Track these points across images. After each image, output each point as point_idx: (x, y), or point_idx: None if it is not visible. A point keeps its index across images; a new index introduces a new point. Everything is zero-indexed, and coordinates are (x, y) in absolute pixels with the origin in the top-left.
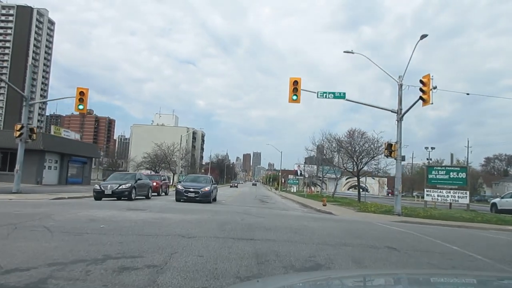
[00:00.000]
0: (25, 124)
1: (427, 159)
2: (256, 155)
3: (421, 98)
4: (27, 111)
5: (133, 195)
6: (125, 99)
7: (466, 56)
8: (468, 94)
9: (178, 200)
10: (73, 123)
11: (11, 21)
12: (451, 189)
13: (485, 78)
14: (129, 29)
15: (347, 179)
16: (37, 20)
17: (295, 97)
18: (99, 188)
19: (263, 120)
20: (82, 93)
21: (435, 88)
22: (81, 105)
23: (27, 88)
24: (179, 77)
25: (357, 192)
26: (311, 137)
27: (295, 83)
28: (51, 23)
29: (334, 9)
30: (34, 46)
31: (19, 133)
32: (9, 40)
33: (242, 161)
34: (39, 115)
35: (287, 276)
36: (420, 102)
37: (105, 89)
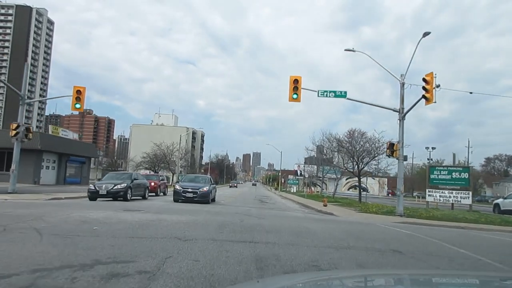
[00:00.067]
0: (21, 123)
1: (428, 159)
2: (256, 155)
3: (424, 96)
4: (24, 110)
5: (129, 196)
6: (125, 99)
7: (466, 56)
8: (471, 93)
9: (176, 200)
10: (72, 123)
11: (10, 20)
12: (453, 189)
13: (485, 78)
14: (129, 29)
15: (347, 179)
16: (37, 20)
17: (295, 96)
18: (93, 188)
19: (263, 120)
20: (79, 91)
21: (438, 86)
22: (78, 104)
23: (24, 87)
24: (179, 77)
25: (358, 192)
26: (311, 137)
27: (296, 82)
28: (51, 23)
29: (334, 9)
30: (33, 46)
31: (15, 132)
32: (8, 40)
33: (242, 161)
34: (38, 115)
35: (287, 276)
36: (422, 101)
37: (105, 89)
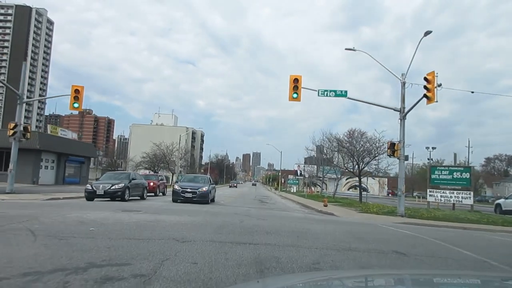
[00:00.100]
0: (19, 122)
1: (428, 159)
2: (255, 155)
3: (425, 96)
4: (22, 110)
5: (127, 196)
6: (125, 99)
7: (466, 56)
8: (473, 92)
9: (174, 201)
10: (72, 123)
11: (10, 20)
12: (455, 189)
13: (485, 78)
14: (129, 29)
15: (347, 179)
16: (36, 19)
17: (295, 95)
18: (90, 188)
19: (263, 120)
20: (77, 91)
21: (440, 85)
22: (76, 103)
23: (22, 86)
24: (179, 77)
25: (358, 192)
26: (311, 137)
27: (296, 81)
28: (50, 22)
29: (333, 9)
30: (33, 45)
31: (12, 132)
32: (7, 40)
33: (241, 161)
34: (38, 114)
35: (288, 276)
36: (423, 101)
37: (105, 89)
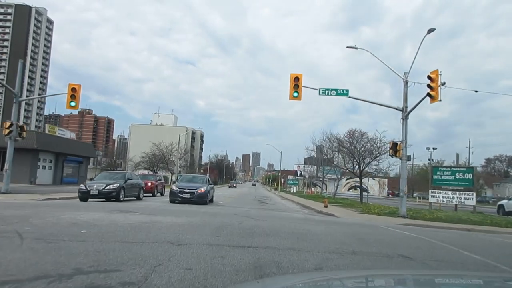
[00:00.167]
0: (15, 121)
1: (429, 159)
2: (255, 156)
3: (428, 94)
4: (17, 108)
5: (122, 196)
6: (124, 99)
7: (466, 56)
8: (476, 91)
9: (172, 201)
10: (72, 123)
11: (9, 20)
12: (457, 190)
13: (485, 78)
14: (128, 29)
15: (347, 179)
16: (36, 19)
17: (296, 94)
18: (84, 188)
19: (263, 120)
20: (74, 89)
21: (443, 84)
22: (73, 102)
23: (18, 84)
24: (179, 77)
25: (359, 192)
26: (311, 137)
27: (296, 80)
28: (50, 22)
29: (333, 9)
30: (32, 45)
31: (8, 131)
32: (7, 39)
33: (241, 161)
34: (37, 114)
35: (287, 276)
36: (424, 101)
37: (105, 89)
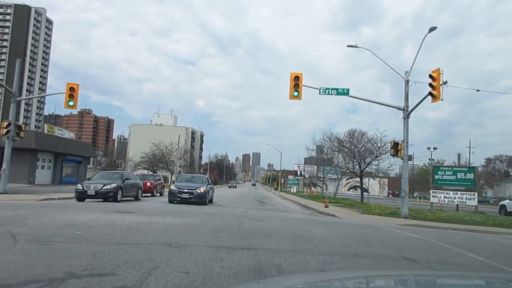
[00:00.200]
0: (13, 121)
1: (430, 159)
2: (255, 156)
3: (430, 94)
4: (15, 108)
5: (119, 197)
6: (124, 99)
7: (466, 56)
8: (478, 90)
9: (171, 201)
10: (71, 123)
11: (9, 20)
12: (458, 190)
13: (485, 78)
14: (128, 29)
15: (347, 179)
16: (35, 19)
17: (296, 93)
18: (81, 188)
19: (263, 120)
20: (72, 88)
21: (445, 83)
22: (71, 101)
23: (15, 83)
24: (179, 77)
25: (359, 192)
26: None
27: (296, 79)
28: (49, 22)
29: (333, 9)
30: (32, 45)
31: (5, 131)
32: (6, 39)
33: (241, 161)
34: (37, 114)
35: (287, 277)
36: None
37: (105, 89)
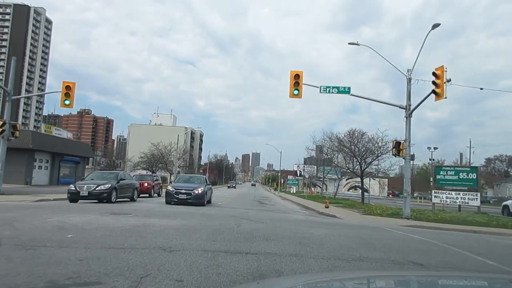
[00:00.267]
0: (8, 120)
1: (430, 159)
2: (255, 156)
3: (433, 92)
4: (10, 107)
5: (113, 197)
6: (124, 99)
7: (466, 56)
8: (482, 89)
9: (168, 202)
10: (71, 123)
11: (8, 20)
12: (460, 190)
13: (485, 78)
14: (128, 29)
15: (347, 179)
16: (34, 19)
17: (296, 92)
18: (74, 188)
19: (263, 120)
20: (68, 87)
21: (449, 81)
22: (67, 100)
23: (10, 82)
24: (179, 78)
25: (359, 193)
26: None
27: (296, 77)
28: (49, 22)
29: (333, 9)
30: (31, 45)
31: (0, 130)
32: (5, 39)
33: (241, 161)
34: (36, 114)
35: (287, 277)
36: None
37: (105, 89)
